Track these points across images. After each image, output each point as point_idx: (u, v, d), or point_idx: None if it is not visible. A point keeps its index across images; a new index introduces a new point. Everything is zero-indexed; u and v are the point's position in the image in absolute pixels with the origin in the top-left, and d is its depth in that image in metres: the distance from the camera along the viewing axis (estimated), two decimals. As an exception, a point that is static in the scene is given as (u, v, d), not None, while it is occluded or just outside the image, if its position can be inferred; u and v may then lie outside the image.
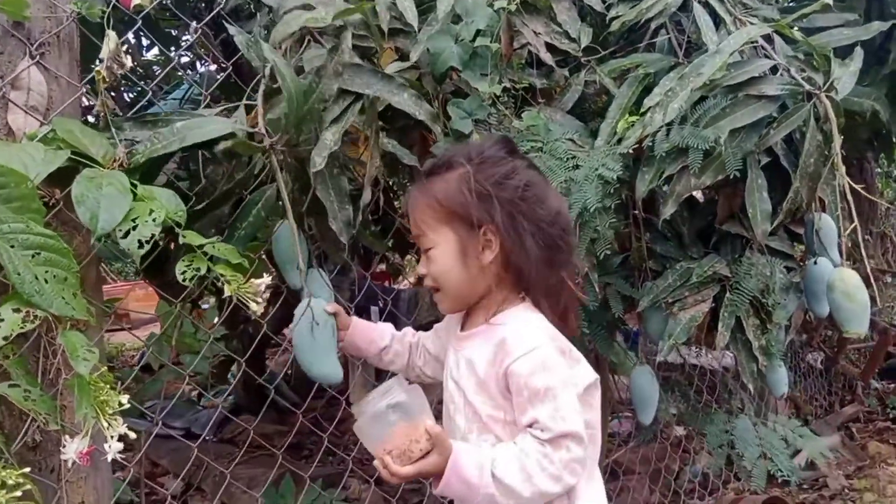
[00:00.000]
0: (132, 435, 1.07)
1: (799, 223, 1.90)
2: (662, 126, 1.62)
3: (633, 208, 1.83)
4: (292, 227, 1.33)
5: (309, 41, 1.47)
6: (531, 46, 1.75)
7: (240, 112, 1.37)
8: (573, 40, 1.83)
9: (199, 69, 3.24)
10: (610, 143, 1.66)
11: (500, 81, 1.65)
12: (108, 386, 1.06)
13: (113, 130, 1.21)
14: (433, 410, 1.09)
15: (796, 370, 3.57)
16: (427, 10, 1.64)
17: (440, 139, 1.55)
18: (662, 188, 1.75)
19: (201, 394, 3.71)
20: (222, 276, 1.19)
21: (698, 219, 1.95)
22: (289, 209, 1.34)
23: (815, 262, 1.81)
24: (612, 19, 1.82)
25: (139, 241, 1.09)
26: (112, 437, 1.04)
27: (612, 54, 1.91)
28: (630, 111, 1.71)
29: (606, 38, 1.92)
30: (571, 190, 1.55)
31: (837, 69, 1.69)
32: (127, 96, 2.99)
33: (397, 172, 1.77)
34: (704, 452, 2.82)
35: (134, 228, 1.09)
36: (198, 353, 2.43)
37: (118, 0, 1.30)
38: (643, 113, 1.65)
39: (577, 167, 1.59)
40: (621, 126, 1.66)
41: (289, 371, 3.97)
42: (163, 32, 2.84)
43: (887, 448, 3.21)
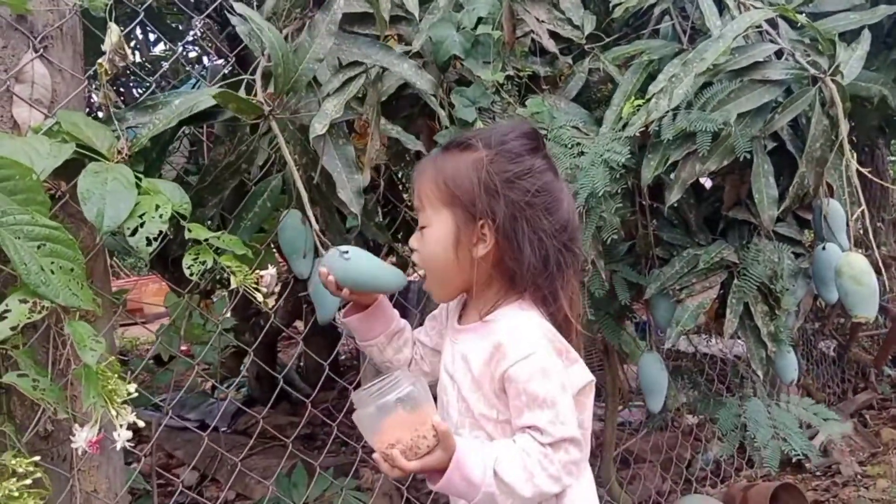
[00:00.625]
0: (141, 423, 1.08)
1: (807, 209, 1.89)
2: (668, 111, 1.61)
3: (639, 196, 1.82)
4: (301, 188, 1.33)
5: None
6: (534, 34, 1.74)
7: (240, 92, 1.38)
8: (576, 27, 1.82)
9: (206, 63, 3.26)
10: (615, 130, 1.66)
11: (504, 69, 1.64)
12: (116, 375, 1.08)
13: (116, 123, 1.22)
14: None
15: (808, 358, 3.55)
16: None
17: (445, 122, 1.54)
18: (669, 176, 1.74)
19: (215, 386, 3.74)
20: (228, 268, 1.20)
21: (705, 206, 1.95)
22: (294, 170, 1.33)
23: (824, 248, 1.80)
24: (616, 6, 1.80)
25: (147, 239, 1.10)
26: (121, 426, 1.06)
27: (616, 41, 1.90)
28: (635, 98, 1.70)
29: (610, 25, 1.91)
30: (577, 176, 1.55)
31: (843, 53, 1.68)
32: (136, 92, 3.01)
33: (402, 161, 1.77)
34: (716, 440, 2.82)
35: (141, 225, 1.10)
36: (207, 344, 2.45)
37: None
38: (648, 99, 1.64)
39: (583, 153, 1.59)
40: (626, 110, 1.65)
41: (300, 363, 4.01)
42: (168, 26, 2.86)
43: (901, 435, 3.20)
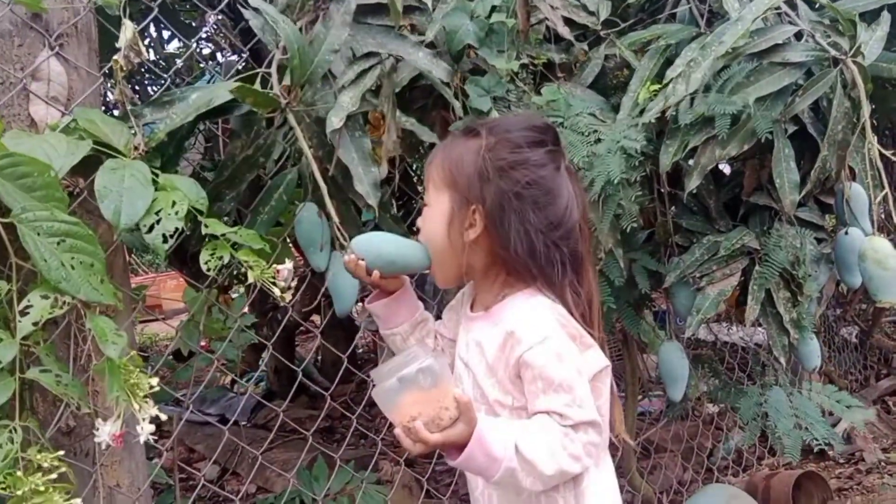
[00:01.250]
0: (163, 417, 1.08)
1: (829, 193, 1.86)
2: (686, 96, 1.59)
3: (658, 183, 1.80)
4: (319, 180, 1.33)
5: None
6: (548, 21, 1.72)
7: (256, 85, 1.38)
8: (591, 13, 1.79)
9: (220, 59, 3.27)
10: (632, 116, 1.64)
11: (518, 58, 1.63)
12: (138, 369, 1.08)
13: (132, 119, 1.22)
14: None
15: (830, 344, 3.52)
16: (441, -12, 1.63)
17: (459, 113, 1.53)
18: (688, 162, 1.72)
19: (235, 380, 3.77)
20: (245, 263, 1.20)
21: (725, 191, 1.92)
22: (313, 163, 1.33)
23: (846, 233, 1.77)
24: (631, -10, 1.78)
25: (163, 236, 1.10)
26: (144, 420, 1.06)
27: (632, 26, 1.87)
28: (652, 83, 1.68)
29: (626, 11, 1.88)
30: (594, 164, 1.53)
31: (864, 34, 1.65)
32: (150, 90, 3.03)
33: (417, 153, 1.76)
34: (737, 429, 2.80)
35: (158, 223, 1.10)
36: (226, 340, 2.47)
37: None
38: (665, 84, 1.62)
39: (599, 141, 1.57)
40: (643, 95, 1.63)
41: (318, 356, 4.03)
42: (182, 23, 2.86)
43: (925, 421, 3.16)
